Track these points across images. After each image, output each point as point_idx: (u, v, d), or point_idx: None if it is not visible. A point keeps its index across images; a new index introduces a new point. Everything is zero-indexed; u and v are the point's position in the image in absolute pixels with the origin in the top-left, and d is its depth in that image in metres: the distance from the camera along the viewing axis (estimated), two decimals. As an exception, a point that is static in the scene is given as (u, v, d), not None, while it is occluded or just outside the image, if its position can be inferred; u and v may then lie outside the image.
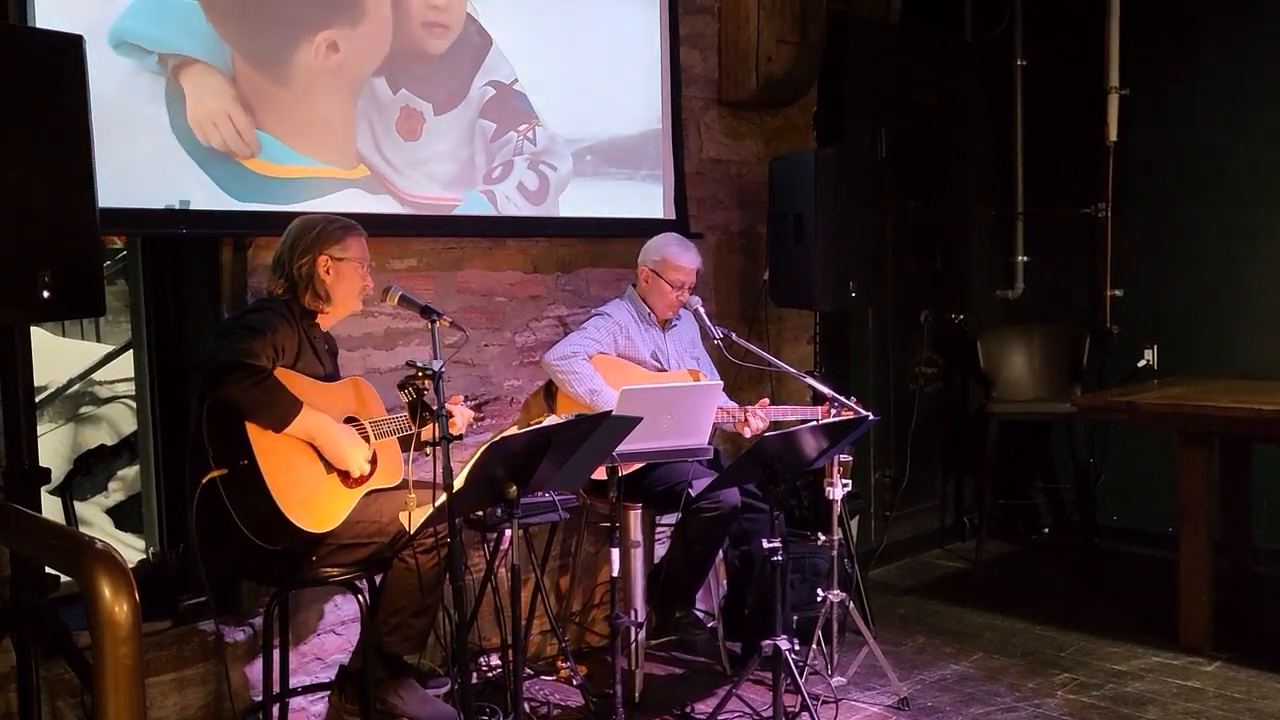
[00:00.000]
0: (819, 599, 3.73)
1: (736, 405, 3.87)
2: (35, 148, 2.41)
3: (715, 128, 4.82)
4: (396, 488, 3.03)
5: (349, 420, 2.98)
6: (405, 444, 3.09)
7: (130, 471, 4.67)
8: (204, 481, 2.69)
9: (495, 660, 3.82)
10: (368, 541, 2.92)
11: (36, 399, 4.44)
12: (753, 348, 3.94)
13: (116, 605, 1.30)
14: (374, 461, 2.99)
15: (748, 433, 3.78)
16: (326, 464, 2.86)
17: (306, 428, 2.79)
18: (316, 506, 2.79)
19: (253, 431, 2.71)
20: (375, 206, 3.57)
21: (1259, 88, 5.06)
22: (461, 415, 3.18)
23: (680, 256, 3.93)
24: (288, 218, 3.12)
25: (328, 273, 2.97)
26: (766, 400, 3.89)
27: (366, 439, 2.97)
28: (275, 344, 2.82)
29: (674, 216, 4.46)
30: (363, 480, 2.94)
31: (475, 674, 3.71)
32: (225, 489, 2.70)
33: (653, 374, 3.90)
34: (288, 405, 2.75)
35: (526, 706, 3.56)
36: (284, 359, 2.85)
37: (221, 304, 3.37)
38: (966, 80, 5.78)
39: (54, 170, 2.45)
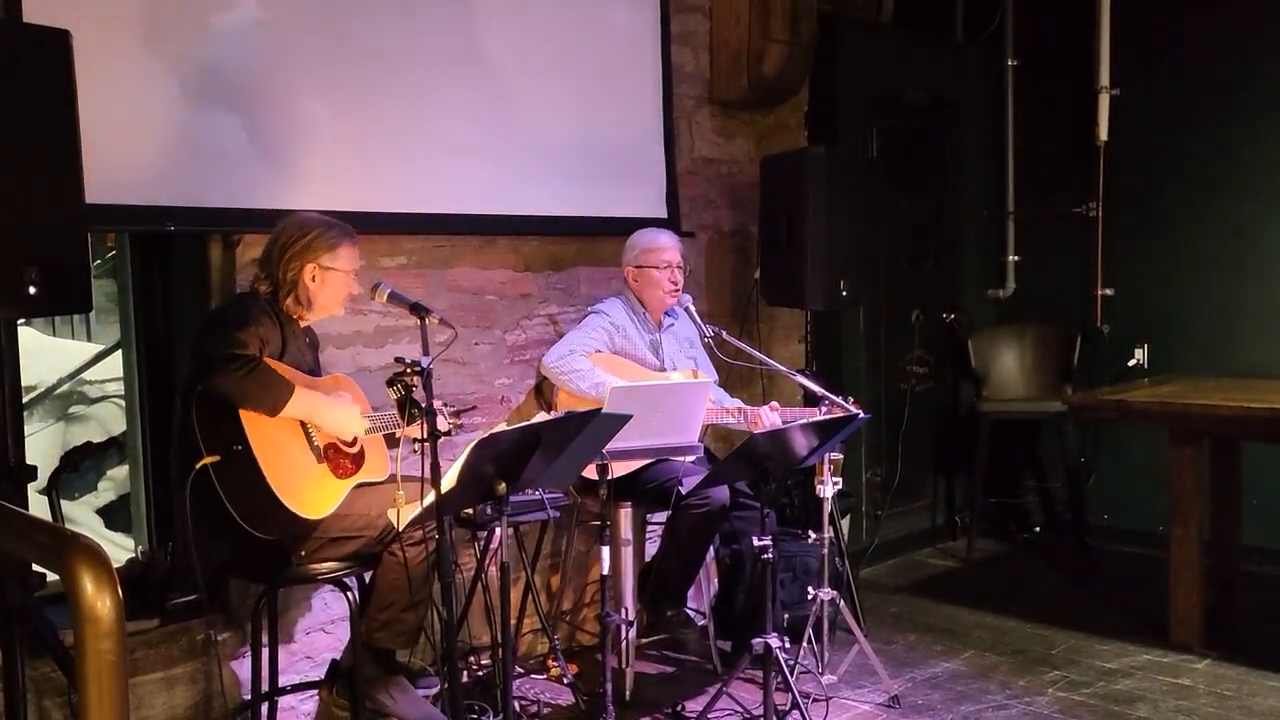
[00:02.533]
0: (810, 597, 3.73)
1: (743, 405, 3.86)
2: (22, 143, 2.40)
3: (706, 127, 4.82)
4: (384, 482, 3.02)
5: None
6: (390, 442, 3.07)
7: (120, 471, 4.65)
8: (198, 467, 2.68)
9: (486, 659, 3.81)
10: (357, 535, 2.91)
11: (26, 398, 4.43)
12: (744, 346, 3.93)
13: (99, 600, 1.28)
14: (362, 455, 2.98)
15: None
16: (316, 454, 2.86)
17: (301, 408, 2.80)
18: (309, 494, 2.80)
19: (246, 416, 2.72)
20: (365, 205, 3.56)
21: (1249, 87, 5.08)
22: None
23: (656, 239, 3.94)
24: (277, 215, 3.10)
25: (313, 280, 2.96)
26: (776, 403, 3.87)
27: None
28: (261, 337, 2.82)
29: (665, 215, 4.46)
30: (350, 472, 2.94)
31: (465, 673, 3.70)
32: (218, 476, 2.70)
33: (653, 372, 3.90)
34: (281, 389, 2.76)
35: (517, 705, 3.55)
36: (269, 350, 2.85)
37: (210, 302, 3.36)
38: (958, 80, 5.78)
39: (41, 165, 2.44)
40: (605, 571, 3.21)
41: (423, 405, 2.75)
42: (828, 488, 3.67)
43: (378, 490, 2.98)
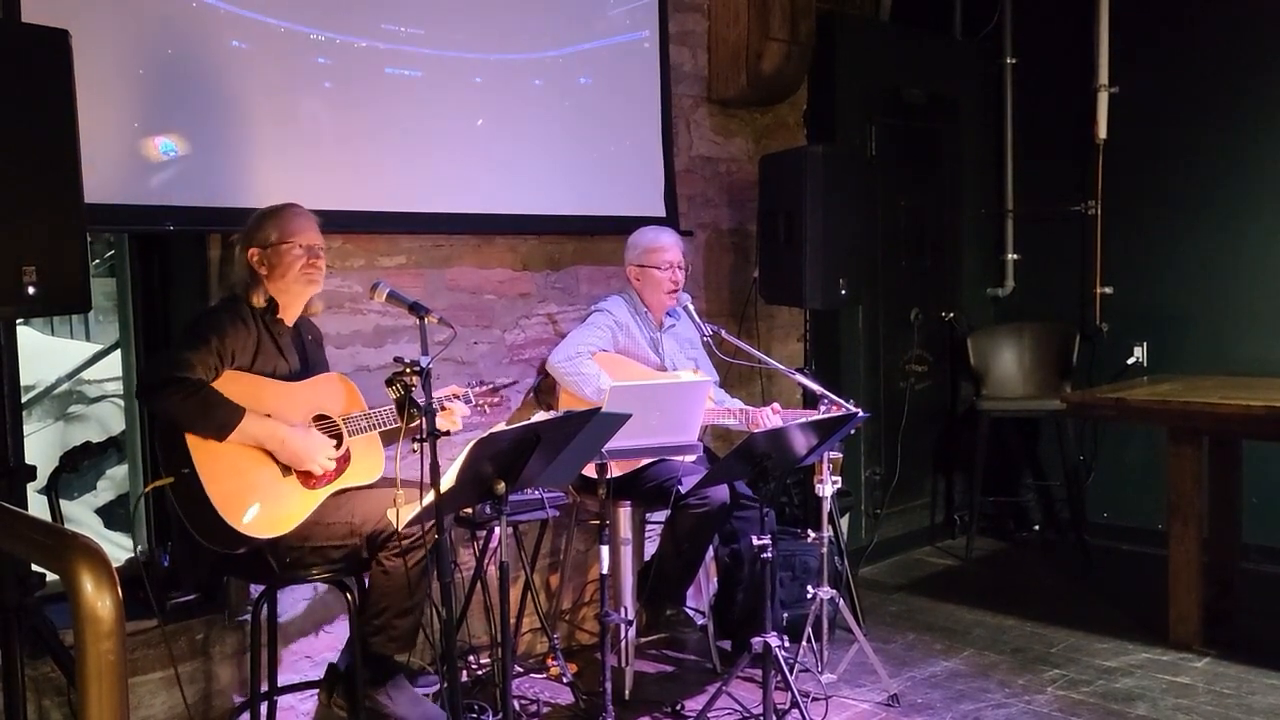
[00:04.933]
0: (809, 596, 3.73)
1: (745, 406, 3.86)
2: (20, 142, 2.40)
3: (705, 125, 4.82)
4: (374, 485, 3.00)
5: (320, 418, 2.94)
6: (388, 439, 3.05)
7: (119, 471, 4.65)
8: (145, 491, 2.69)
9: (485, 658, 3.81)
10: (340, 544, 2.88)
11: (25, 398, 4.43)
12: (743, 345, 3.94)
13: (99, 600, 1.28)
14: (347, 459, 2.95)
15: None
16: (284, 466, 2.82)
17: (251, 434, 2.75)
18: (268, 511, 2.75)
19: (191, 439, 2.69)
20: (364, 204, 3.56)
21: (1248, 85, 5.08)
22: (459, 412, 3.16)
23: (658, 239, 3.94)
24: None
25: (261, 265, 2.93)
26: (778, 405, 3.87)
27: (339, 436, 2.94)
28: (222, 350, 2.78)
29: (664, 214, 4.46)
30: (327, 480, 2.90)
31: (464, 672, 3.71)
32: (174, 496, 2.69)
33: (654, 372, 3.90)
34: (225, 415, 2.70)
35: (516, 704, 3.55)
36: (235, 362, 2.81)
37: (209, 301, 3.35)
38: (956, 78, 5.78)
39: (40, 165, 2.44)
40: (604, 571, 3.21)
41: (422, 404, 2.74)
42: (827, 486, 3.67)
43: (365, 495, 2.95)
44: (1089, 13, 5.43)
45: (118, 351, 4.25)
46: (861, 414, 3.40)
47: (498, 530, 2.94)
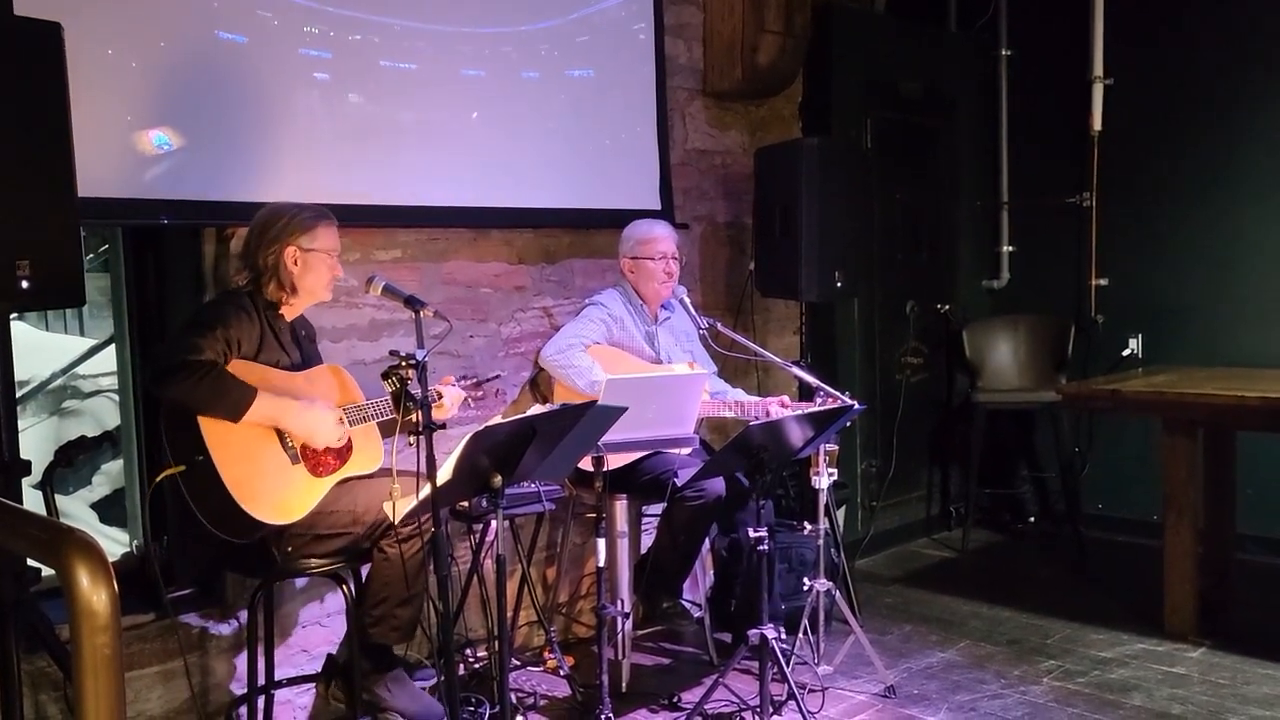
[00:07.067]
0: (806, 588, 3.74)
1: (747, 398, 3.86)
2: (14, 137, 2.39)
3: (700, 118, 4.81)
4: (374, 475, 3.00)
5: None
6: (386, 431, 3.06)
7: (115, 465, 4.64)
8: (158, 480, 2.68)
9: (482, 652, 3.81)
10: (343, 532, 2.88)
11: (19, 393, 4.42)
12: (739, 338, 3.94)
13: (94, 594, 1.28)
14: (349, 448, 2.96)
15: None
16: (292, 454, 2.83)
17: (266, 413, 2.75)
18: (279, 497, 2.76)
19: (206, 426, 2.68)
20: (360, 198, 3.55)
21: (1243, 77, 5.08)
22: (451, 396, 3.16)
23: (651, 230, 3.94)
24: (270, 208, 3.09)
25: (295, 264, 2.93)
26: (786, 397, 3.87)
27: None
28: (229, 338, 2.78)
29: (659, 207, 4.46)
30: (334, 468, 2.91)
31: (462, 665, 3.71)
32: (184, 485, 2.69)
33: (649, 365, 3.90)
34: (240, 394, 2.71)
35: (513, 697, 3.55)
36: (241, 352, 2.82)
37: (204, 295, 3.35)
38: (952, 70, 5.78)
39: (33, 159, 2.43)
40: (601, 564, 3.21)
41: (418, 398, 2.73)
42: (823, 479, 3.67)
43: (366, 484, 2.95)
44: (1084, 5, 5.42)
45: (112, 346, 4.24)
46: (857, 406, 3.40)
47: (494, 524, 2.94)
